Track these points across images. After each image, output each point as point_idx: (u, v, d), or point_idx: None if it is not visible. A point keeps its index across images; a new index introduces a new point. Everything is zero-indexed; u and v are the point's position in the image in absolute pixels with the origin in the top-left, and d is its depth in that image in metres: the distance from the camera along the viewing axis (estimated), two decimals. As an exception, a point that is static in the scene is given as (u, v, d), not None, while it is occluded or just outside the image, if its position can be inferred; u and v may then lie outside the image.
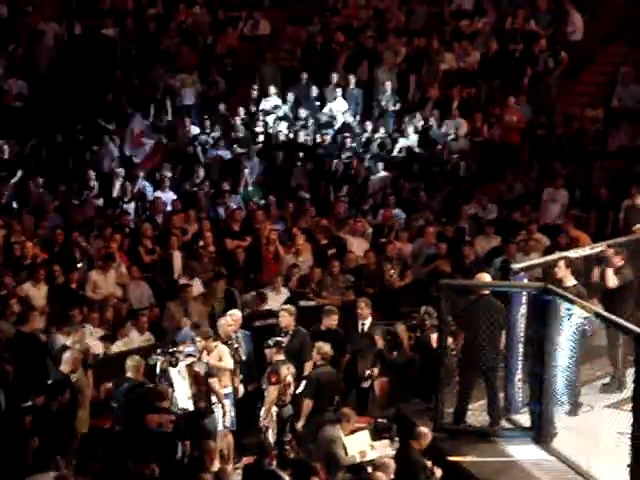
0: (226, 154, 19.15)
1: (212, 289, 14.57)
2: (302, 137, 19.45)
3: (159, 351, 11.81)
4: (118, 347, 13.34)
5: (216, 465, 10.80)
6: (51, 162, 18.23)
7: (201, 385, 11.76)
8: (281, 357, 11.92)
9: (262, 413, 11.79)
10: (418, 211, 17.20)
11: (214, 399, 11.84)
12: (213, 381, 11.78)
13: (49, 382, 11.48)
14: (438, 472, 10.56)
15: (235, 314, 12.93)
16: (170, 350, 11.74)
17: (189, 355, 11.89)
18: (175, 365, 11.66)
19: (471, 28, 21.21)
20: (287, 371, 11.83)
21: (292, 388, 11.91)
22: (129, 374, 11.38)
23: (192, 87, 20.47)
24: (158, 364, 11.70)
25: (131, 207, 17.28)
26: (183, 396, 11.65)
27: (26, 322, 12.71)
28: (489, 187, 17.75)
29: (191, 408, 11.65)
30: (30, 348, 12.37)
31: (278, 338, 12.20)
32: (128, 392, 11.19)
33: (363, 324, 13.11)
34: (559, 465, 10.81)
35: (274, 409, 11.78)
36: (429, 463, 10.54)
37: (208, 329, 12.54)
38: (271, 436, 11.63)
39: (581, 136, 18.76)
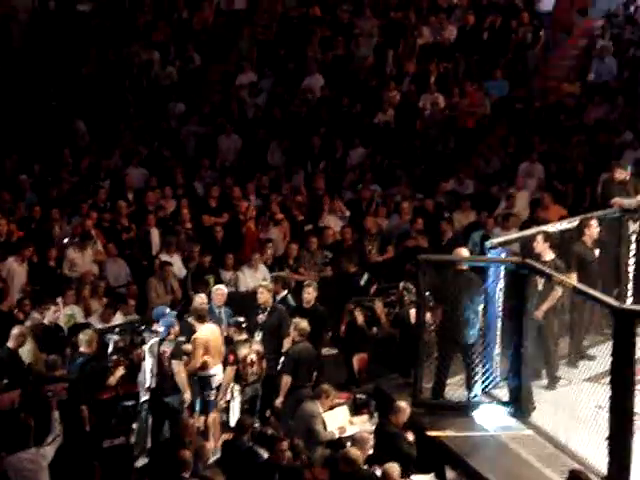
0: (201, 130, 19.01)
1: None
2: (278, 112, 19.34)
3: (116, 330, 11.75)
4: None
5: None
6: (26, 139, 18.07)
7: (164, 364, 11.70)
8: (242, 337, 11.91)
9: (220, 393, 11.77)
10: (395, 186, 17.16)
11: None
12: (176, 363, 11.59)
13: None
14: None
15: (220, 289, 12.90)
16: (140, 329, 11.75)
17: (155, 332, 11.85)
18: (141, 344, 11.66)
19: (448, 1, 21.14)
20: (248, 350, 11.80)
21: (256, 367, 11.87)
22: (82, 348, 11.34)
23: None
24: (111, 343, 11.67)
25: (107, 184, 17.16)
26: (148, 374, 11.64)
27: (4, 300, 12.68)
28: (466, 162, 17.72)
29: (153, 385, 11.63)
30: (8, 326, 12.30)
31: (239, 318, 12.19)
32: (82, 366, 11.17)
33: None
34: (537, 439, 10.84)
35: (237, 388, 11.75)
36: (409, 436, 10.56)
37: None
38: (233, 415, 11.58)
39: (558, 110, 18.75)
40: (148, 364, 11.70)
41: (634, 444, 9.98)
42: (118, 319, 13.50)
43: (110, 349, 11.85)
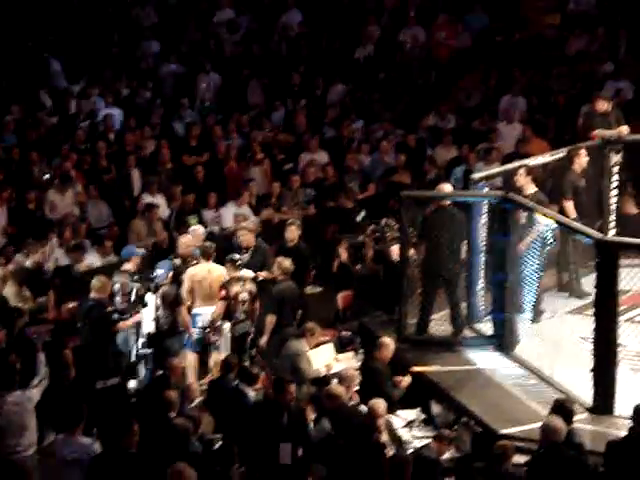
0: (179, 68, 18.81)
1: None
2: (257, 49, 19.15)
3: (136, 277, 11.70)
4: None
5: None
6: (2, 80, 17.87)
7: (167, 308, 11.68)
8: (236, 274, 11.84)
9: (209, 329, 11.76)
10: (377, 123, 17.05)
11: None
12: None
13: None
14: (407, 379, 10.63)
15: (197, 230, 12.81)
16: (150, 276, 11.69)
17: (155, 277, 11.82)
18: (155, 291, 11.63)
19: None
20: (240, 288, 11.77)
21: (247, 305, 11.84)
22: (93, 294, 11.28)
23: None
24: (134, 290, 11.60)
25: (86, 125, 17.00)
26: (148, 319, 11.61)
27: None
28: (447, 96, 17.61)
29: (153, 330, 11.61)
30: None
31: (235, 255, 12.11)
32: (91, 310, 11.12)
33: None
34: (522, 372, 10.90)
35: (226, 325, 11.74)
36: (398, 378, 10.60)
37: None
38: (223, 352, 11.58)
39: (538, 42, 18.62)
40: (147, 309, 11.66)
41: (618, 375, 10.06)
42: (95, 260, 13.42)
43: (133, 297, 11.69)
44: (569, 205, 11.89)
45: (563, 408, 8.92)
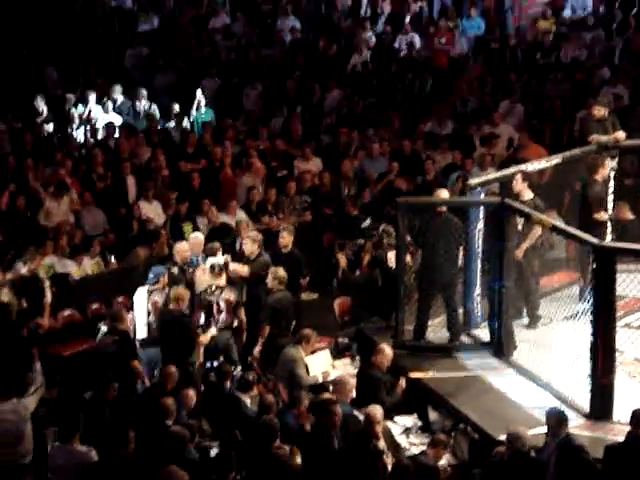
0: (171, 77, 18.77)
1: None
2: (252, 55, 19.14)
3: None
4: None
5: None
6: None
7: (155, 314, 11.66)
8: (217, 282, 11.79)
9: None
10: (372, 129, 17.04)
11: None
12: None
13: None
14: (402, 384, 10.60)
15: (197, 237, 12.79)
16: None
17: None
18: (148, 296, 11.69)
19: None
20: (215, 297, 11.70)
21: (225, 315, 11.76)
22: (173, 305, 11.19)
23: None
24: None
25: (80, 132, 16.98)
26: (139, 324, 11.60)
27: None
28: (443, 102, 17.61)
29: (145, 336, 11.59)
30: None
31: (215, 262, 12.05)
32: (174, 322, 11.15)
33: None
34: (519, 378, 10.88)
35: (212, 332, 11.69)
36: (400, 382, 10.57)
37: None
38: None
39: (534, 48, 18.65)
40: (139, 314, 11.64)
41: (615, 381, 10.04)
42: (86, 263, 13.43)
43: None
44: (602, 215, 11.92)
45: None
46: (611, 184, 12.75)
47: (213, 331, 11.49)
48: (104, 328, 11.28)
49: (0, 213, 14.12)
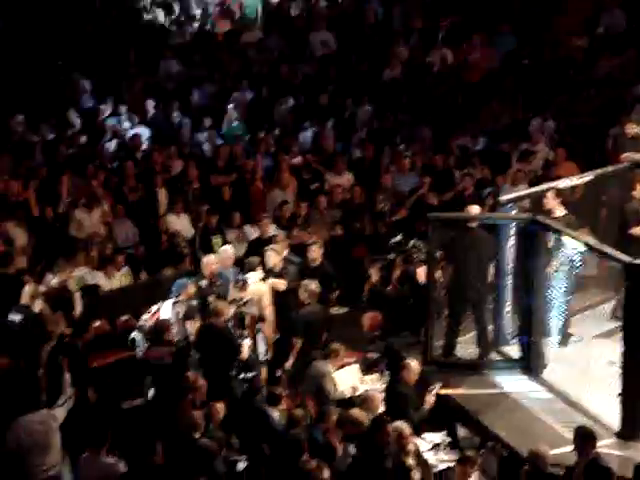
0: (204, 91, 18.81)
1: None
2: (285, 69, 19.17)
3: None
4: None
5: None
6: (31, 98, 17.95)
7: (180, 325, 11.69)
8: (242, 295, 11.80)
9: None
10: (405, 144, 17.02)
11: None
12: (189, 323, 11.63)
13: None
14: (431, 400, 10.55)
15: (226, 250, 12.80)
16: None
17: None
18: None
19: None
20: (235, 310, 11.69)
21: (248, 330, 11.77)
22: (214, 319, 11.24)
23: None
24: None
25: (113, 144, 17.06)
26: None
27: (10, 263, 12.64)
28: (475, 118, 17.56)
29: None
30: (15, 289, 12.27)
31: (239, 276, 12.07)
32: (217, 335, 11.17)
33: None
34: (549, 396, 10.83)
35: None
36: (428, 398, 10.53)
37: None
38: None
39: (567, 64, 18.56)
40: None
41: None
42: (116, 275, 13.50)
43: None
44: (584, 233, 11.83)
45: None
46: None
47: (248, 343, 11.49)
48: (138, 338, 11.33)
49: (31, 224, 14.18)
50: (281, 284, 12.30)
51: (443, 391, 10.80)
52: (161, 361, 10.83)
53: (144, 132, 17.28)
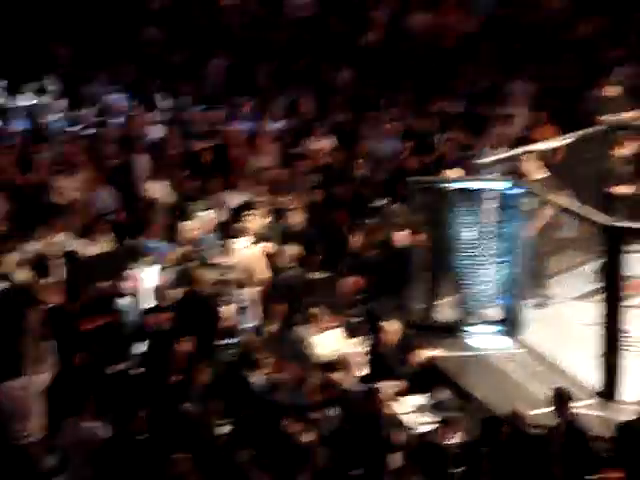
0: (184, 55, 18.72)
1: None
2: (263, 34, 19.06)
3: None
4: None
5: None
6: (12, 65, 17.85)
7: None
8: (228, 260, 11.83)
9: None
10: (384, 108, 16.99)
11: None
12: (173, 289, 11.64)
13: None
14: (415, 361, 10.60)
15: (209, 215, 12.80)
16: None
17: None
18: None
19: None
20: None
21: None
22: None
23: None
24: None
25: (91, 111, 16.98)
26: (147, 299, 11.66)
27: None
28: (454, 81, 17.54)
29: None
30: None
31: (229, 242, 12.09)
32: None
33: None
34: (529, 357, 10.90)
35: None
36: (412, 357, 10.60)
37: None
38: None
39: (547, 26, 18.53)
40: (147, 292, 11.68)
41: (624, 360, 10.05)
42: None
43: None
44: (619, 189, 11.90)
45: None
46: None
47: (232, 308, 11.52)
48: (124, 303, 11.35)
49: (10, 192, 14.12)
50: (270, 249, 12.31)
51: (424, 354, 10.85)
52: (159, 327, 10.85)
53: (123, 99, 17.20)
